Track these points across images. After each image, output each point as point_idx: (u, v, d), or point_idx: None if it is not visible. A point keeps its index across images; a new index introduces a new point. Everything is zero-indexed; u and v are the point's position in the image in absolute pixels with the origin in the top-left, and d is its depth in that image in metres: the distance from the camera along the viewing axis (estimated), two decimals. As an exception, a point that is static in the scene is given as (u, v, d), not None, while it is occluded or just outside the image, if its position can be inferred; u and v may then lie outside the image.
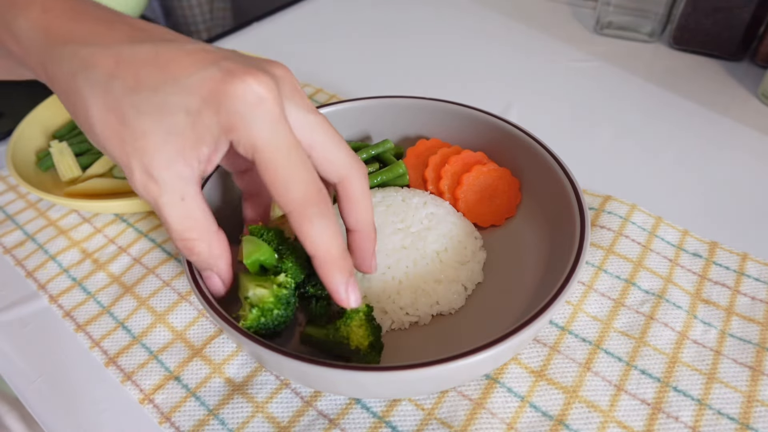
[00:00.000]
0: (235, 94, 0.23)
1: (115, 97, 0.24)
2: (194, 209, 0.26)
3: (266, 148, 0.25)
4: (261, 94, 0.24)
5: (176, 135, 0.24)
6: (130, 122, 0.24)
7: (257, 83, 0.24)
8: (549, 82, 0.64)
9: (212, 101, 0.24)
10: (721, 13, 0.62)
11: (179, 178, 0.25)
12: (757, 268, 0.40)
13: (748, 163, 0.51)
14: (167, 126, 0.24)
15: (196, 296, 0.31)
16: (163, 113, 0.24)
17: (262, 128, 0.24)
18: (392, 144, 0.46)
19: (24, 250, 0.45)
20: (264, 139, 0.24)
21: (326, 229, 0.27)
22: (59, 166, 0.49)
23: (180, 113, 0.24)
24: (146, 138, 0.24)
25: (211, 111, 0.24)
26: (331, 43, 0.74)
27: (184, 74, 0.24)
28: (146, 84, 0.24)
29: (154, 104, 0.24)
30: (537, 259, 0.38)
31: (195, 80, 0.24)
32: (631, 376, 0.34)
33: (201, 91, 0.24)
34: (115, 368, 0.36)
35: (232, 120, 0.24)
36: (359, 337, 0.31)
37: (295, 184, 0.25)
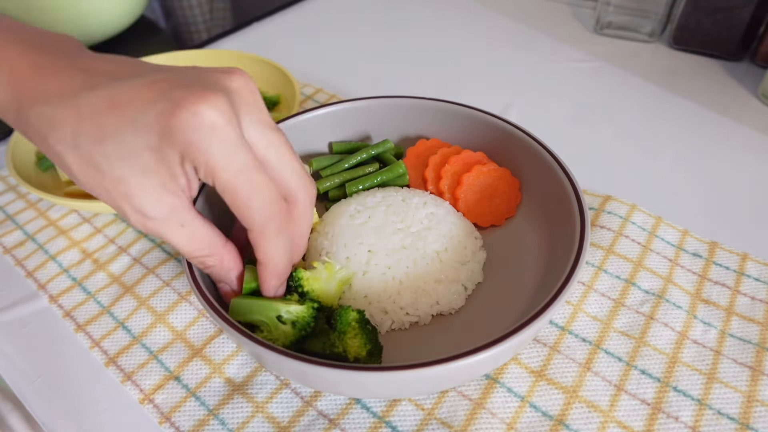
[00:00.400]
0: (186, 125, 0.24)
1: (85, 152, 0.25)
2: (196, 230, 0.28)
3: (223, 174, 0.25)
4: (213, 121, 0.24)
5: (151, 173, 0.25)
6: (106, 172, 0.25)
7: (208, 109, 0.24)
8: (549, 82, 0.64)
9: (167, 135, 0.24)
10: (721, 13, 0.62)
11: (171, 209, 0.26)
12: (757, 268, 0.40)
13: (748, 163, 0.51)
14: (139, 167, 0.25)
15: (196, 296, 0.31)
16: (130, 156, 0.24)
17: (218, 155, 0.25)
18: (392, 144, 0.46)
19: (24, 250, 0.45)
20: (220, 166, 0.25)
21: (278, 246, 0.29)
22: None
23: (145, 153, 0.24)
24: (126, 183, 0.25)
25: (168, 145, 0.24)
26: (331, 43, 0.74)
27: (138, 115, 0.24)
28: (108, 132, 0.24)
29: (121, 150, 0.24)
30: (537, 259, 0.38)
31: (149, 118, 0.24)
32: (631, 376, 0.34)
33: (156, 128, 0.24)
34: (115, 368, 0.36)
35: (188, 150, 0.24)
36: (356, 348, 0.31)
37: (255, 207, 0.26)
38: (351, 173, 0.44)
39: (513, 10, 0.80)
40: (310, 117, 0.44)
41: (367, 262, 0.37)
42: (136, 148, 0.24)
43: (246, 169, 0.26)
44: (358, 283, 0.36)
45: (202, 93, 0.24)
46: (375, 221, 0.39)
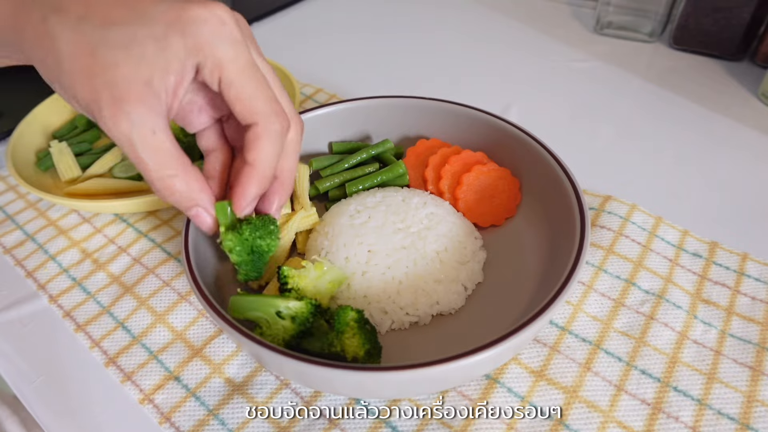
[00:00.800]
0: (199, 17, 0.25)
1: (85, 35, 0.25)
2: (165, 141, 0.27)
3: (231, 65, 0.26)
4: (222, 18, 0.26)
5: (145, 64, 0.25)
6: (101, 55, 0.25)
7: (218, 9, 0.26)
8: (549, 82, 0.64)
9: (177, 26, 0.25)
10: (721, 13, 0.62)
11: (149, 110, 0.26)
12: (757, 268, 0.40)
13: (748, 163, 0.51)
14: (136, 56, 0.25)
15: (196, 296, 0.31)
16: (133, 44, 0.25)
17: (227, 47, 0.26)
18: (392, 144, 0.46)
19: (24, 250, 0.45)
20: (229, 57, 0.26)
21: (274, 148, 0.29)
22: (59, 166, 0.49)
23: (148, 42, 0.25)
24: (117, 68, 0.25)
25: (177, 35, 0.25)
26: (331, 43, 0.74)
27: (149, 7, 0.25)
28: (115, 20, 0.25)
29: (124, 37, 0.25)
30: (537, 259, 0.38)
31: (160, 10, 0.25)
32: (631, 376, 0.34)
33: (165, 19, 0.25)
34: (115, 368, 0.36)
35: (198, 41, 0.25)
36: (354, 348, 0.30)
37: (261, 98, 0.27)
38: (351, 173, 0.44)
39: (513, 10, 0.80)
40: (310, 117, 0.44)
41: (367, 262, 0.37)
42: (140, 37, 0.25)
43: (251, 64, 0.27)
44: (358, 283, 0.36)
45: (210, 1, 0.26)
46: (375, 221, 0.39)
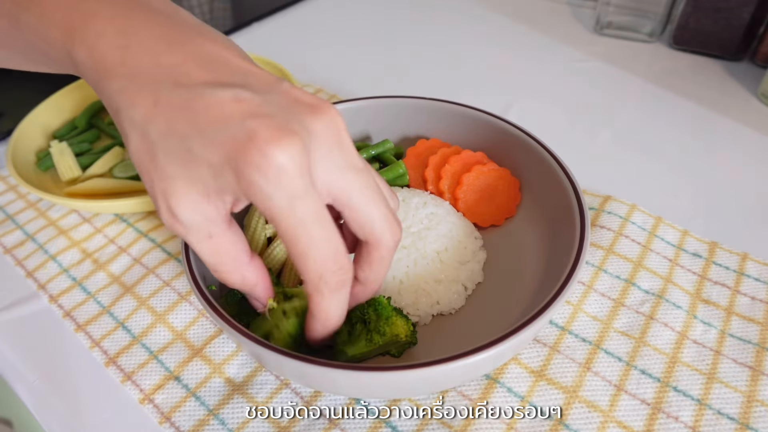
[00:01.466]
0: (253, 163, 0.23)
1: (148, 139, 0.24)
2: (223, 244, 0.26)
3: (283, 222, 0.24)
4: (280, 166, 0.23)
5: (200, 183, 0.24)
6: (159, 164, 0.24)
7: (280, 153, 0.23)
8: (549, 82, 0.64)
9: (232, 163, 0.23)
10: (721, 13, 0.62)
11: (205, 219, 0.25)
12: (757, 268, 0.40)
13: (748, 163, 0.51)
14: (191, 174, 0.24)
15: (196, 296, 0.31)
16: (188, 161, 0.24)
17: (280, 203, 0.23)
18: (392, 144, 0.46)
19: (24, 250, 0.45)
20: (281, 214, 0.24)
21: (333, 303, 0.27)
22: (59, 166, 0.49)
23: (203, 165, 0.24)
24: (170, 182, 0.24)
25: (230, 172, 0.23)
26: (331, 43, 0.74)
27: (210, 128, 0.23)
28: (176, 130, 0.24)
29: (181, 151, 0.24)
30: (537, 259, 0.38)
31: (219, 137, 0.23)
32: (631, 376, 0.34)
33: (223, 150, 0.23)
34: (115, 368, 0.36)
35: (250, 189, 0.23)
36: (404, 327, 0.32)
37: (311, 260, 0.25)
38: (351, 173, 0.44)
39: (513, 10, 0.80)
40: (310, 117, 0.44)
41: (367, 262, 0.37)
42: (196, 156, 0.24)
43: (306, 222, 0.24)
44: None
45: (279, 133, 0.23)
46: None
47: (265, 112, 0.24)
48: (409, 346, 0.34)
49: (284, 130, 0.23)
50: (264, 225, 0.40)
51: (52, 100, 0.55)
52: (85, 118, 0.55)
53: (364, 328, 0.31)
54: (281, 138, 0.23)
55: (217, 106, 0.24)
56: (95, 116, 0.57)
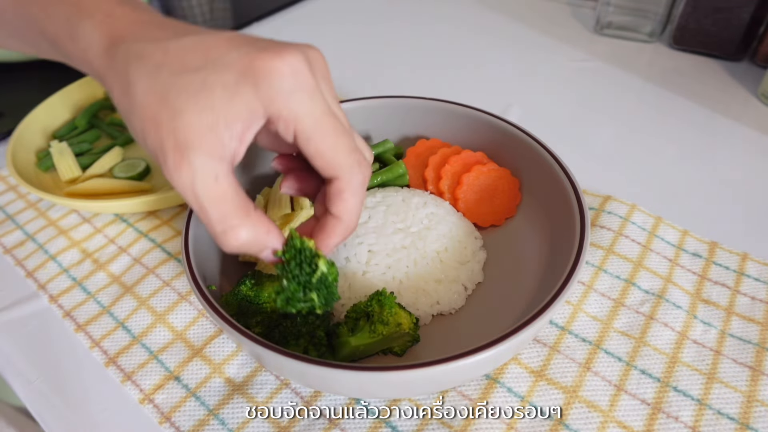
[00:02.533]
0: (272, 68, 0.24)
1: (160, 81, 0.25)
2: (229, 189, 0.26)
3: (308, 117, 0.25)
4: (296, 67, 0.25)
5: (210, 110, 0.25)
6: (169, 102, 0.25)
7: (291, 56, 0.25)
8: (549, 82, 0.64)
9: (249, 76, 0.25)
10: (721, 13, 0.62)
11: (211, 156, 0.25)
12: (757, 268, 0.40)
13: (748, 163, 0.51)
14: (203, 102, 0.25)
15: (196, 296, 0.31)
16: (202, 91, 0.25)
17: (302, 99, 0.25)
18: (392, 144, 0.46)
19: (24, 250, 0.45)
20: (305, 109, 0.25)
21: (359, 199, 0.28)
22: (59, 166, 0.49)
23: (217, 89, 0.25)
24: (181, 116, 0.25)
25: (248, 85, 0.25)
26: (331, 43, 0.74)
27: (222, 54, 0.25)
28: (189, 67, 0.25)
29: (194, 83, 0.25)
30: (537, 259, 0.38)
31: (232, 57, 0.25)
32: (631, 376, 0.34)
33: (238, 67, 0.25)
34: (115, 368, 0.36)
35: (271, 93, 0.25)
36: (408, 318, 0.33)
37: (343, 150, 0.26)
38: (351, 173, 0.44)
39: (513, 10, 0.80)
40: (310, 117, 0.44)
41: (368, 262, 0.37)
42: (210, 84, 0.25)
43: (330, 113, 0.26)
44: (359, 283, 0.36)
45: (284, 47, 0.25)
46: (375, 221, 0.39)
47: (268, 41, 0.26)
48: (412, 342, 0.34)
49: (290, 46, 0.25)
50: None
51: (52, 100, 0.55)
52: (85, 118, 0.55)
53: (367, 321, 0.32)
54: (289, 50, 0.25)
55: (226, 41, 0.26)
56: (95, 116, 0.57)
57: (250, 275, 0.34)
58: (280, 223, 0.40)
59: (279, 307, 0.29)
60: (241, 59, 0.25)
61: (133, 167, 0.50)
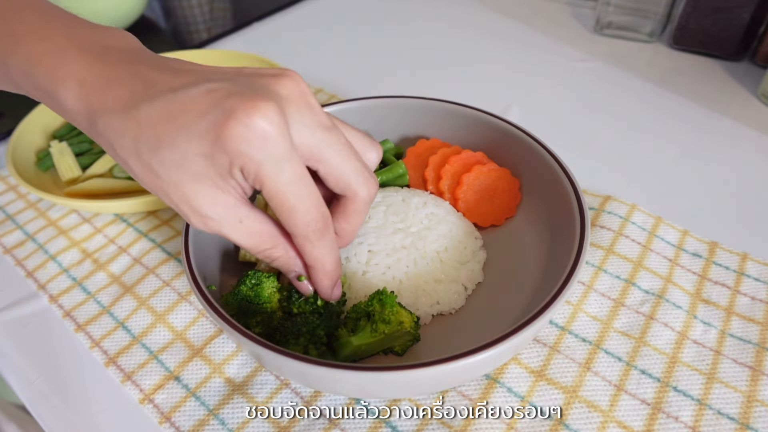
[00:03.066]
0: (238, 136, 0.24)
1: (145, 159, 0.26)
2: (255, 224, 0.29)
3: (272, 186, 0.26)
4: (263, 133, 0.25)
5: (203, 177, 0.26)
6: (164, 177, 0.26)
7: (259, 119, 0.24)
8: (549, 82, 0.64)
9: (219, 144, 0.25)
10: (721, 13, 0.62)
11: (227, 207, 0.27)
12: (757, 268, 0.40)
13: (748, 163, 0.51)
14: (192, 173, 0.26)
15: (196, 296, 0.31)
16: (185, 163, 0.26)
17: (268, 166, 0.25)
18: (392, 144, 0.46)
19: (24, 250, 0.45)
20: (269, 176, 0.26)
21: (323, 248, 0.30)
22: (59, 166, 0.49)
23: (198, 159, 0.25)
24: (182, 187, 0.26)
25: (220, 153, 0.25)
26: (331, 43, 0.74)
27: (192, 124, 0.25)
28: (164, 141, 0.26)
29: (175, 157, 0.26)
30: (537, 259, 0.38)
31: (202, 128, 0.25)
32: (631, 376, 0.34)
33: (209, 137, 0.25)
34: (115, 368, 0.36)
35: (238, 159, 0.25)
36: (409, 317, 0.33)
37: (299, 214, 0.27)
38: (351, 173, 0.44)
39: (513, 10, 0.80)
40: (310, 117, 0.44)
41: (367, 262, 0.37)
42: (189, 155, 0.25)
43: (293, 181, 0.26)
44: (359, 283, 0.36)
45: (254, 103, 0.25)
46: (375, 221, 0.39)
47: (235, 92, 0.25)
48: (412, 341, 0.34)
49: (258, 98, 0.25)
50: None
51: (52, 100, 0.55)
52: (85, 118, 0.55)
53: (368, 320, 0.32)
54: (257, 106, 0.25)
55: (192, 103, 0.25)
56: (95, 116, 0.57)
57: (250, 275, 0.34)
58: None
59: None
60: (211, 130, 0.25)
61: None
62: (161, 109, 0.26)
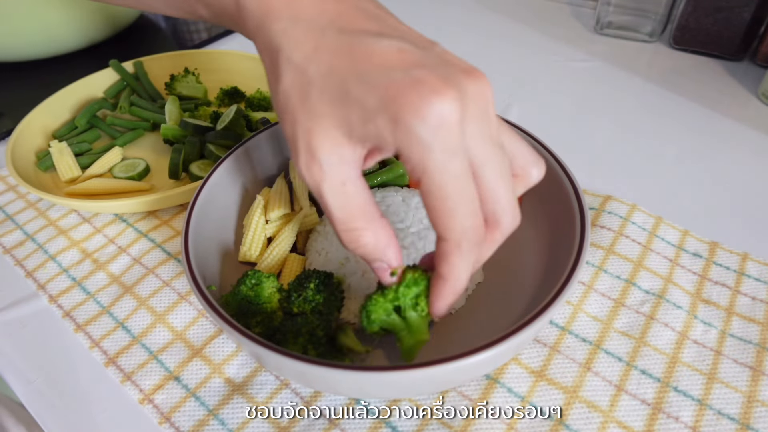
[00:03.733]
0: (416, 109, 0.22)
1: (305, 78, 0.25)
2: (356, 195, 0.26)
3: (436, 176, 0.24)
4: (443, 117, 0.22)
5: (347, 125, 0.24)
6: (310, 103, 0.25)
7: (442, 103, 0.22)
8: (549, 82, 0.64)
9: (391, 107, 0.23)
10: (722, 12, 0.62)
11: (341, 162, 0.25)
12: (757, 268, 0.40)
13: (749, 163, 0.51)
14: (341, 115, 0.24)
15: (196, 296, 0.31)
16: (342, 102, 0.24)
17: (437, 155, 0.23)
18: (392, 144, 0.46)
19: (24, 250, 0.45)
20: (436, 167, 0.23)
21: (469, 264, 0.27)
22: (59, 166, 0.49)
23: (356, 107, 0.24)
24: (318, 120, 0.24)
25: (386, 117, 0.23)
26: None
27: (372, 71, 0.23)
28: (337, 71, 0.24)
29: (337, 92, 0.24)
30: (537, 259, 0.38)
31: (381, 80, 0.23)
32: (631, 376, 0.34)
33: (382, 92, 0.23)
34: (115, 368, 0.36)
35: (407, 137, 0.23)
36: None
37: (459, 217, 0.25)
38: (351, 173, 0.44)
39: (513, 9, 0.80)
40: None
41: (367, 262, 0.37)
42: (351, 99, 0.24)
43: (460, 176, 0.24)
44: (358, 283, 0.36)
45: (443, 85, 0.23)
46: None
47: (428, 63, 0.24)
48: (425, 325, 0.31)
49: (448, 83, 0.23)
50: (264, 225, 0.40)
51: (52, 100, 0.55)
52: (85, 118, 0.55)
53: (398, 314, 0.30)
54: (447, 89, 0.23)
55: (380, 53, 0.24)
56: (95, 116, 0.57)
57: (250, 275, 0.34)
58: (281, 223, 0.40)
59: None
60: (389, 86, 0.23)
61: (133, 167, 0.50)
62: (346, 42, 0.24)
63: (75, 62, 0.71)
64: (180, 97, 0.59)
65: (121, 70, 0.60)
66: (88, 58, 0.71)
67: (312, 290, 0.33)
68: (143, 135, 0.56)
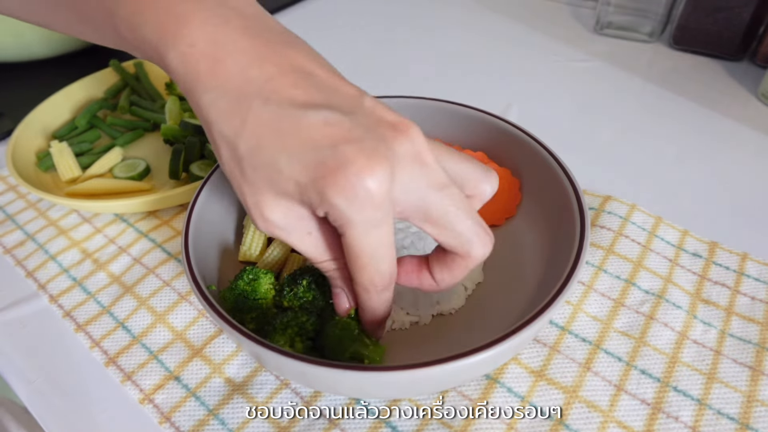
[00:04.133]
0: (341, 189, 0.23)
1: (238, 154, 0.25)
2: (322, 238, 0.28)
3: (354, 242, 0.25)
4: (368, 195, 0.24)
5: (287, 196, 0.26)
6: (248, 178, 0.26)
7: (367, 181, 0.23)
8: (549, 82, 0.64)
9: (318, 185, 0.24)
10: (722, 13, 0.62)
11: (300, 219, 0.27)
12: (757, 268, 0.40)
13: (748, 163, 0.51)
14: (280, 189, 0.25)
15: (196, 296, 0.31)
16: (276, 177, 0.25)
17: (358, 228, 0.25)
18: (392, 144, 0.46)
19: (24, 250, 0.45)
20: (354, 236, 0.25)
21: (378, 301, 0.29)
22: (59, 166, 0.49)
23: (291, 183, 0.25)
24: (262, 193, 0.26)
25: (316, 194, 0.24)
26: (330, 43, 0.74)
27: (299, 149, 0.24)
28: (265, 148, 0.25)
29: (269, 169, 0.25)
30: (537, 259, 0.38)
31: (308, 159, 0.24)
32: (631, 376, 0.34)
33: (311, 172, 0.24)
34: (115, 368, 0.36)
35: (332, 210, 0.24)
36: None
37: (367, 272, 0.27)
38: (351, 173, 0.44)
39: (513, 9, 0.80)
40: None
41: (367, 262, 0.37)
42: (284, 175, 0.25)
43: (376, 245, 0.26)
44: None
45: (369, 162, 0.23)
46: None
47: (354, 136, 0.24)
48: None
49: (374, 157, 0.24)
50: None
51: (52, 100, 0.55)
52: (85, 118, 0.55)
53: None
54: (373, 165, 0.23)
55: (306, 129, 0.24)
56: (95, 116, 0.57)
57: (248, 270, 0.34)
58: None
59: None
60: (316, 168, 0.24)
61: (133, 167, 0.50)
62: (274, 117, 0.24)
63: (75, 62, 0.71)
64: (180, 97, 0.59)
65: (122, 70, 0.60)
66: (88, 58, 0.71)
67: (304, 287, 0.33)
68: (143, 135, 0.56)
